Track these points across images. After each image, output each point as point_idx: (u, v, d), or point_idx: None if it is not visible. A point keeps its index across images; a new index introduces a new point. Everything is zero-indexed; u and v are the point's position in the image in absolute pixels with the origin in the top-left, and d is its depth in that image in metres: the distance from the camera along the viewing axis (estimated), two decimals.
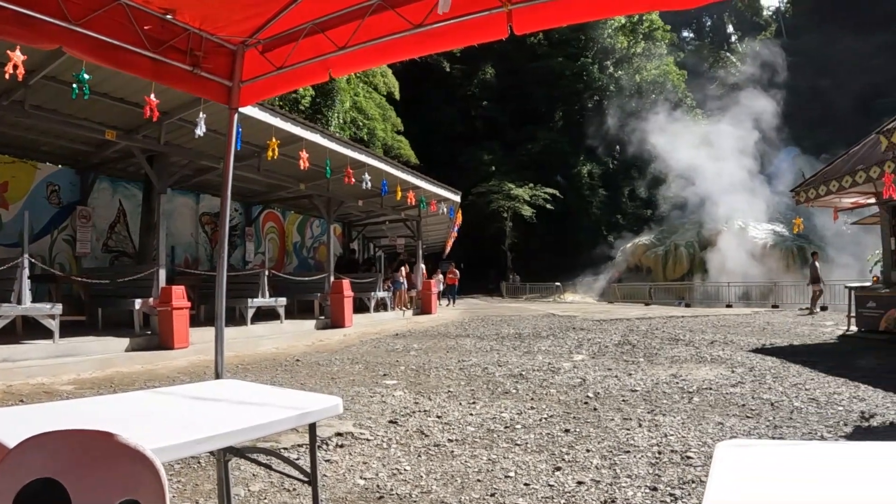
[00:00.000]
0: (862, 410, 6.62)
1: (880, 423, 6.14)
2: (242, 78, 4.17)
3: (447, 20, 3.36)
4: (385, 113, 41.44)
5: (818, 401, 7.13)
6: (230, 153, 4.18)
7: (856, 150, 14.69)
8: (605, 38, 67.60)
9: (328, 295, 17.01)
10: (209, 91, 4.10)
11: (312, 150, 13.54)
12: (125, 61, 3.61)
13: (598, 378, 8.81)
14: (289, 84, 4.35)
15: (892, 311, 13.32)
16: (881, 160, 12.29)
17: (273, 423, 2.40)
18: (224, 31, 3.91)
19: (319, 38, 3.79)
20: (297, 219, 23.23)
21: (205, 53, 3.88)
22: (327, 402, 2.68)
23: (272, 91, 4.49)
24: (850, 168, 13.73)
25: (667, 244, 52.26)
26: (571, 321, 19.05)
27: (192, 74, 3.87)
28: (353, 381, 8.80)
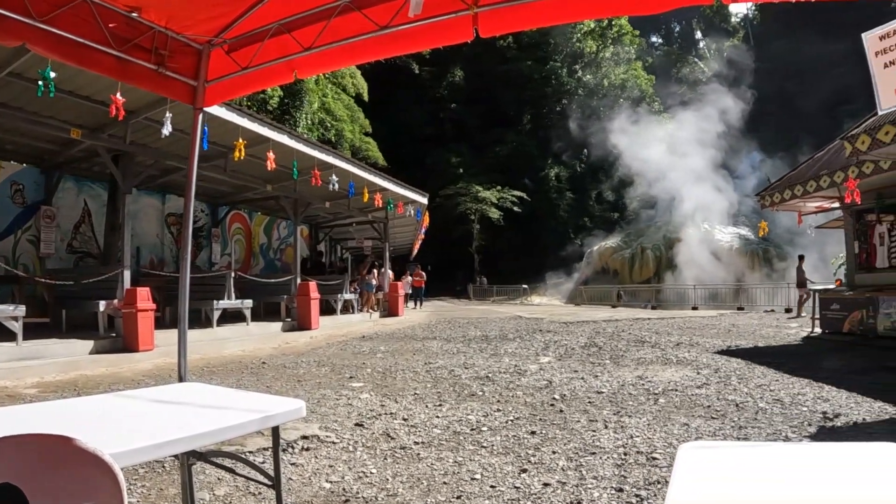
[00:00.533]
0: (825, 411, 6.72)
1: (844, 423, 6.24)
2: (208, 78, 4.13)
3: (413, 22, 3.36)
4: (353, 114, 41.26)
5: (783, 401, 7.22)
6: (194, 154, 4.14)
7: (820, 156, 14.91)
8: (574, 42, 67.93)
9: (295, 297, 16.91)
10: (174, 90, 4.06)
11: (279, 150, 13.46)
12: (89, 59, 3.55)
13: (564, 380, 8.85)
14: (254, 84, 4.32)
15: (855, 313, 13.53)
16: (845, 165, 12.47)
17: (235, 426, 2.37)
18: (190, 31, 3.87)
19: (285, 38, 3.77)
20: (264, 220, 23.05)
21: (170, 52, 3.84)
22: (290, 406, 2.66)
23: (237, 91, 4.45)
24: (815, 173, 13.92)
25: (633, 247, 52.57)
26: (538, 323, 19.13)
27: (156, 73, 3.83)
28: (320, 383, 8.76)
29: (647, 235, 53.83)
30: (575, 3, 3.29)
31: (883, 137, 9.38)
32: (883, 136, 9.37)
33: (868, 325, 13.17)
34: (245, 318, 15.20)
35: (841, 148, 14.15)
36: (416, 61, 62.28)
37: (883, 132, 9.35)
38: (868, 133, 9.71)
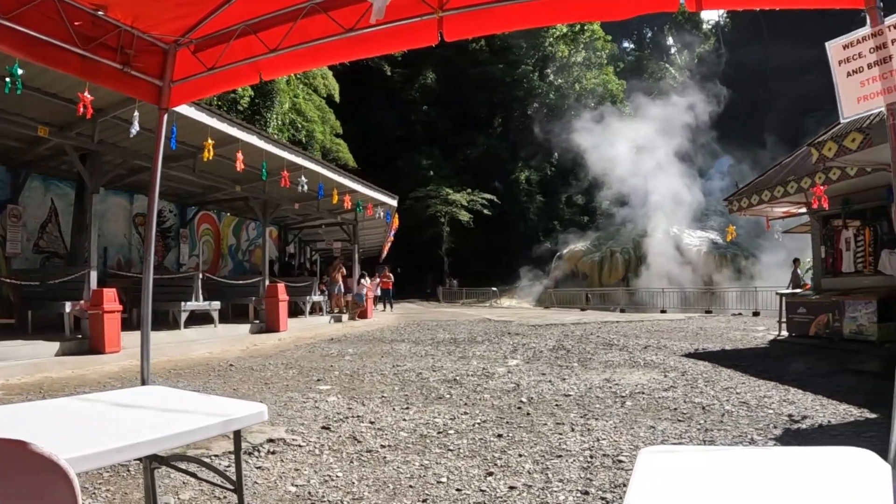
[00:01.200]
0: (791, 413, 6.80)
1: (809, 426, 6.31)
2: (173, 78, 4.10)
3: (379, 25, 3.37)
4: (324, 115, 41.04)
5: (749, 404, 7.29)
6: (158, 154, 4.11)
7: (788, 161, 15.08)
8: (546, 46, 68.09)
9: (263, 299, 16.80)
10: (139, 90, 4.02)
11: (249, 151, 13.40)
12: (54, 58, 3.51)
13: (532, 383, 8.87)
14: (220, 85, 4.30)
15: (821, 316, 13.72)
16: (812, 171, 12.62)
17: (196, 430, 2.36)
18: (156, 30, 3.84)
19: (251, 39, 3.76)
20: (233, 221, 22.86)
21: (136, 52, 3.80)
22: (252, 409, 2.65)
23: (203, 92, 4.42)
24: (783, 178, 14.08)
25: (603, 250, 52.83)
26: (507, 326, 19.16)
27: (121, 73, 3.79)
28: (287, 386, 8.71)
29: (616, 239, 54.12)
30: (539, 10, 3.31)
31: (849, 144, 9.50)
32: (849, 143, 9.49)
33: (834, 329, 13.34)
34: (213, 320, 15.09)
35: (808, 154, 14.33)
36: (387, 63, 62.20)
37: (849, 139, 9.47)
38: (835, 140, 9.83)
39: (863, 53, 2.65)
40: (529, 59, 68.45)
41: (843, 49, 2.74)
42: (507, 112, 66.50)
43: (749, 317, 23.97)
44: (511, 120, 66.23)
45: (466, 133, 63.83)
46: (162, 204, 18.88)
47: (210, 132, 12.03)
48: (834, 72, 2.78)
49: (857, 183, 12.46)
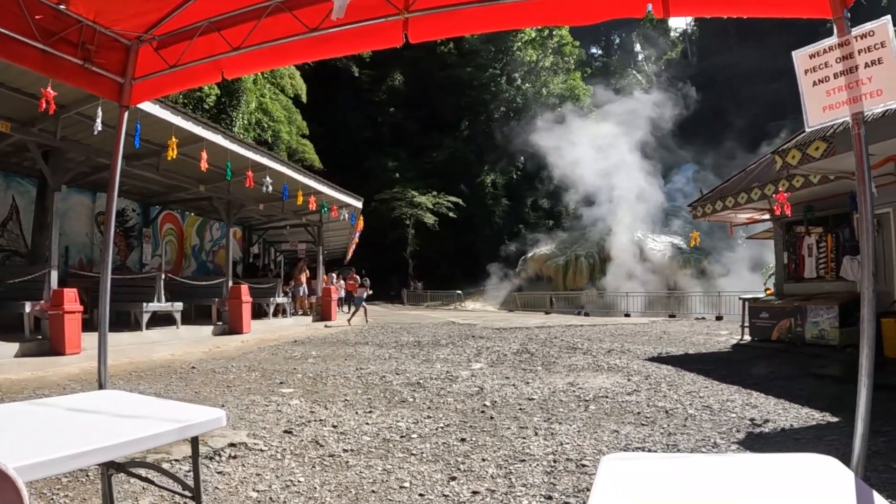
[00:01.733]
0: (753, 417, 6.86)
1: (772, 430, 6.37)
2: (135, 75, 4.02)
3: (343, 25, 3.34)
4: (291, 115, 40.81)
5: (712, 408, 7.34)
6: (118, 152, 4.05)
7: (752, 168, 15.23)
8: (515, 50, 68.29)
9: (226, 300, 16.62)
10: (99, 87, 3.94)
11: (213, 150, 13.25)
12: (13, 51, 3.43)
13: (495, 386, 8.85)
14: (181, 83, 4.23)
15: (784, 321, 13.88)
16: (776, 179, 12.75)
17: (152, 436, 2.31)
18: (118, 25, 3.76)
19: (214, 37, 3.70)
20: (197, 221, 22.57)
21: (97, 47, 3.73)
22: (210, 415, 2.59)
23: (165, 89, 4.34)
24: (747, 185, 14.22)
25: (567, 254, 53.14)
26: (471, 329, 19.12)
27: (82, 69, 3.72)
28: (249, 389, 8.61)
29: (581, 243, 54.46)
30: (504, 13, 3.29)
31: (813, 153, 9.59)
32: (813, 152, 9.58)
33: (796, 333, 13.51)
34: (175, 322, 14.89)
35: (772, 161, 14.48)
36: (355, 64, 62.17)
37: (813, 147, 9.56)
38: (798, 148, 9.92)
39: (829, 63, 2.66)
40: (497, 62, 68.66)
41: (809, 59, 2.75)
42: (473, 115, 66.65)
43: (712, 321, 24.20)
44: (477, 123, 66.38)
45: (433, 135, 63.90)
46: (125, 203, 18.63)
47: (174, 131, 11.86)
48: (800, 81, 2.79)
49: (820, 190, 12.66)
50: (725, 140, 63.38)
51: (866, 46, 2.54)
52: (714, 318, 25.66)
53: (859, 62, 2.55)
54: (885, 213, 12.15)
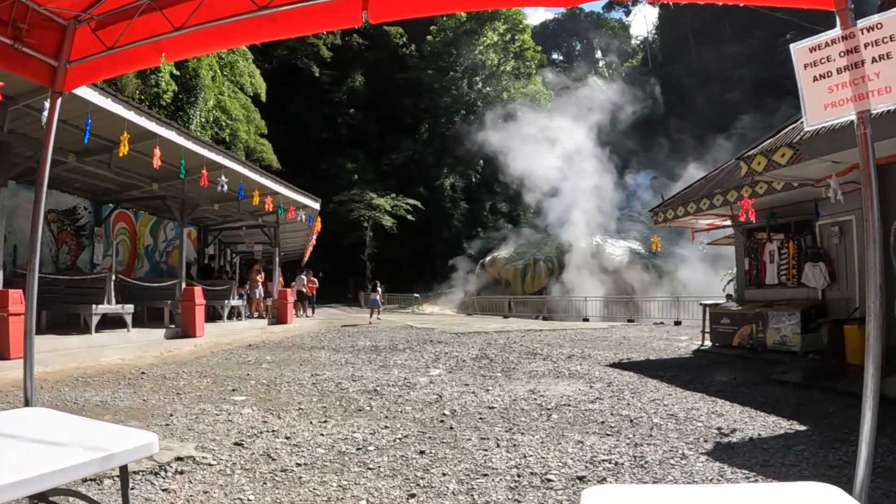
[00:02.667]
0: (720, 426, 6.73)
1: (739, 439, 6.23)
2: (70, 58, 3.68)
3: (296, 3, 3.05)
4: (250, 114, 40.30)
5: (677, 416, 7.20)
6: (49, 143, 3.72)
7: (714, 174, 15.24)
8: (477, 54, 68.47)
9: (179, 303, 16.16)
10: (31, 70, 3.60)
11: (167, 148, 12.82)
12: None
13: (454, 394, 8.61)
14: (119, 66, 3.88)
15: (745, 327, 13.83)
16: (738, 185, 12.75)
17: (72, 468, 2.02)
18: (55, 2, 3.41)
19: (156, 16, 3.36)
20: (151, 220, 21.87)
21: (29, 26, 3.38)
22: (139, 441, 2.31)
23: (101, 73, 3.99)
24: (709, 191, 14.20)
25: (526, 258, 53.14)
26: (429, 334, 18.88)
27: (11, 49, 3.37)
28: (200, 396, 8.26)
29: (539, 247, 54.51)
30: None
31: (779, 159, 9.52)
32: (779, 158, 9.51)
33: (758, 340, 13.48)
34: (126, 324, 14.38)
35: (735, 167, 14.48)
36: (316, 64, 61.93)
37: (779, 154, 9.49)
38: (764, 154, 9.84)
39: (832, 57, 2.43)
40: (458, 65, 68.79)
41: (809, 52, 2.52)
42: (433, 118, 66.61)
43: (671, 326, 24.22)
44: (437, 126, 66.35)
45: (392, 137, 63.96)
46: (76, 201, 18.02)
47: (127, 126, 11.44)
48: (799, 76, 2.56)
49: (783, 197, 12.66)
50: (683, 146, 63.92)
51: (873, 40, 2.32)
52: (673, 322, 25.71)
53: (865, 57, 2.33)
54: (847, 220, 12.25)
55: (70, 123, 11.29)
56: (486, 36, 69.07)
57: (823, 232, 13.09)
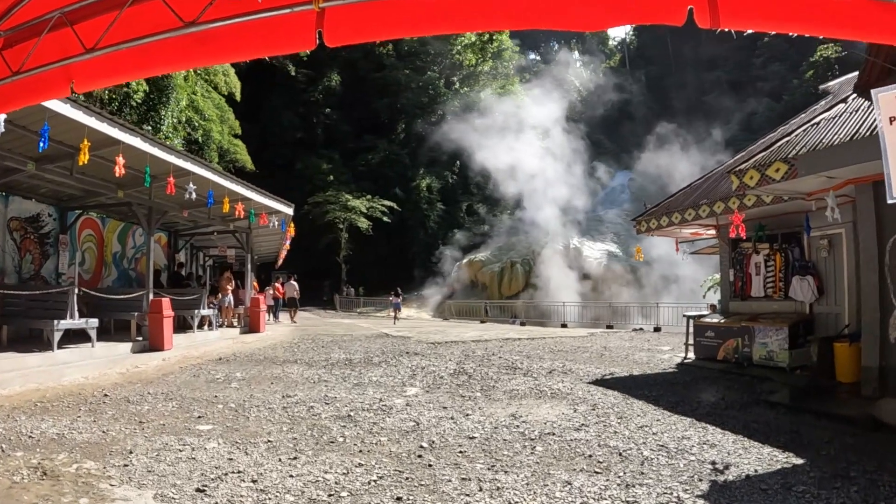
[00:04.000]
0: (714, 460, 6.43)
1: (736, 477, 5.93)
2: None
3: (232, 18, 2.51)
4: (224, 114, 39.71)
5: (668, 448, 6.89)
6: None
7: (699, 184, 14.98)
8: (455, 54, 68.39)
9: (146, 314, 15.58)
10: None
11: (132, 154, 12.30)
12: None
13: (433, 420, 8.22)
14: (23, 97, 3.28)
15: (730, 341, 13.60)
16: (725, 196, 12.51)
17: None
18: None
19: (66, 33, 2.77)
20: (118, 227, 21.08)
21: None
22: None
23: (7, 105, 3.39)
24: (694, 202, 13.96)
25: (503, 261, 52.90)
26: (405, 343, 18.41)
27: None
28: (164, 426, 7.77)
29: (516, 250, 54.31)
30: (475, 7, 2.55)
31: (773, 174, 9.22)
32: (773, 173, 9.21)
33: (743, 354, 13.26)
34: (91, 339, 13.77)
35: (721, 176, 14.23)
36: (292, 62, 61.49)
37: (773, 169, 9.18)
38: (757, 169, 9.53)
39: None
40: (436, 65, 68.74)
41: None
42: (410, 118, 66.39)
43: (651, 332, 24.05)
44: (414, 126, 66.12)
45: (368, 138, 63.83)
46: (39, 207, 17.37)
47: (88, 132, 10.92)
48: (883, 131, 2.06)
49: (770, 209, 12.49)
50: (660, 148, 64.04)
51: None
52: (653, 328, 25.51)
53: None
54: (837, 233, 12.07)
55: (29, 129, 10.79)
56: (464, 36, 68.88)
57: (812, 245, 12.91)
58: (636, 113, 71.86)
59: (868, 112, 8.55)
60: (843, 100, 9.92)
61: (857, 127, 8.38)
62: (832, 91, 15.40)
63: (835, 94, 14.62)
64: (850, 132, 8.34)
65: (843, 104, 9.71)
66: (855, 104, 9.37)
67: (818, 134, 9.10)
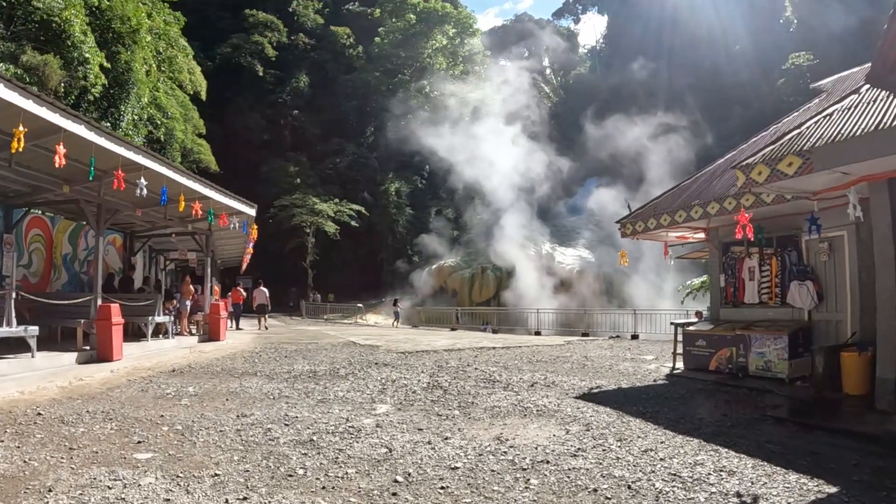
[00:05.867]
0: (738, 492, 5.56)
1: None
2: None
3: None
4: (188, 113, 38.72)
5: (681, 477, 5.98)
6: None
7: (688, 184, 14.15)
8: (425, 57, 68.01)
9: (94, 321, 14.36)
10: None
11: (75, 144, 11.18)
12: None
13: (407, 446, 7.18)
14: None
15: (723, 350, 12.83)
16: (720, 196, 11.71)
17: None
18: None
19: None
20: (70, 226, 19.73)
21: None
22: None
23: None
24: (684, 202, 13.10)
25: (473, 266, 52.30)
26: (374, 353, 17.33)
27: None
28: (96, 453, 6.67)
29: (487, 255, 53.68)
30: None
31: (785, 169, 8.35)
32: (785, 168, 8.34)
33: (738, 364, 12.49)
34: (31, 349, 12.53)
35: (711, 176, 13.37)
36: (260, 63, 60.80)
37: (785, 163, 8.32)
38: (767, 163, 8.64)
39: None
40: (406, 69, 68.21)
41: None
42: (379, 121, 66.03)
43: (629, 340, 23.29)
44: (383, 130, 65.63)
45: (336, 141, 63.53)
46: None
47: (25, 118, 9.80)
48: None
49: (765, 211, 11.69)
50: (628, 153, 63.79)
51: None
52: (630, 336, 24.79)
53: None
54: (838, 235, 11.37)
55: None
56: (436, 39, 68.53)
57: (811, 248, 12.18)
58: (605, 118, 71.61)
59: (889, 101, 7.77)
60: (856, 91, 9.09)
61: (879, 117, 7.56)
62: (826, 89, 14.72)
63: (829, 92, 14.04)
64: (872, 122, 7.54)
65: (856, 95, 8.89)
66: (870, 95, 8.56)
67: (833, 126, 8.25)
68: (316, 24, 70.76)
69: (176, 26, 38.69)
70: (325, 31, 70.29)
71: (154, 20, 33.74)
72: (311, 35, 69.24)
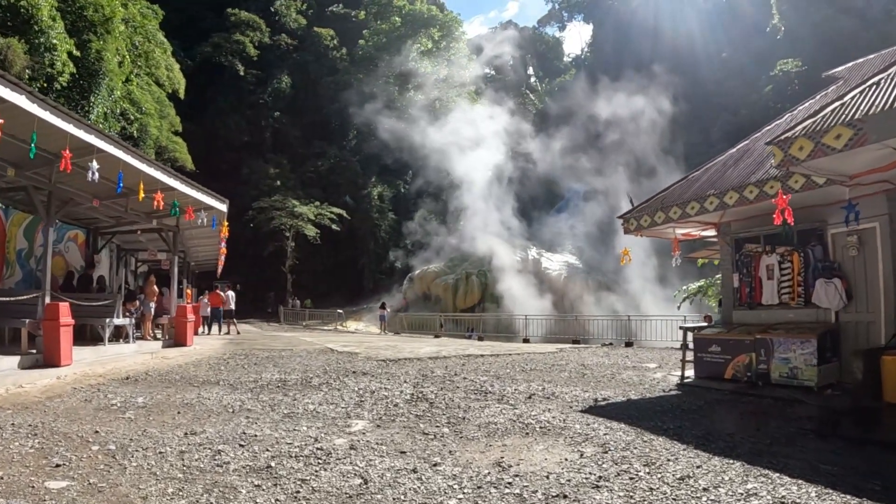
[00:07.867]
0: None
1: None
2: None
3: None
4: (163, 109, 37.49)
5: None
6: None
7: (698, 175, 12.92)
8: (409, 61, 67.35)
9: (41, 322, 12.92)
10: None
11: (16, 119, 9.83)
12: None
13: (387, 475, 5.81)
14: None
15: (741, 356, 11.58)
16: (739, 185, 10.54)
17: None
18: None
19: None
20: (25, 220, 18.16)
21: None
22: None
23: None
24: (696, 193, 11.87)
25: (458, 272, 51.28)
26: (352, 361, 15.96)
27: None
28: (1, 480, 5.31)
29: (471, 261, 52.72)
30: None
31: (832, 142, 7.15)
32: (832, 141, 7.14)
33: (759, 372, 11.25)
34: None
35: (723, 166, 12.20)
36: (241, 62, 59.86)
37: (832, 136, 7.12)
38: (810, 137, 7.40)
39: None
40: (391, 72, 67.52)
41: None
42: (362, 124, 64.76)
43: (623, 348, 22.23)
44: (366, 133, 64.99)
45: (318, 143, 62.81)
46: None
47: None
48: None
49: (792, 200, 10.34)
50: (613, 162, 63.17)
51: None
52: (623, 344, 23.65)
53: None
54: (870, 227, 10.28)
55: None
56: (421, 42, 67.83)
57: (837, 242, 11.05)
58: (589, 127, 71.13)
59: None
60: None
61: None
62: (841, 76, 13.76)
63: (846, 79, 13.11)
64: None
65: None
66: None
67: (884, 94, 7.07)
68: (299, 25, 69.70)
69: (154, 20, 37.58)
70: (308, 32, 69.39)
71: (129, 10, 32.42)
72: (293, 36, 68.33)
